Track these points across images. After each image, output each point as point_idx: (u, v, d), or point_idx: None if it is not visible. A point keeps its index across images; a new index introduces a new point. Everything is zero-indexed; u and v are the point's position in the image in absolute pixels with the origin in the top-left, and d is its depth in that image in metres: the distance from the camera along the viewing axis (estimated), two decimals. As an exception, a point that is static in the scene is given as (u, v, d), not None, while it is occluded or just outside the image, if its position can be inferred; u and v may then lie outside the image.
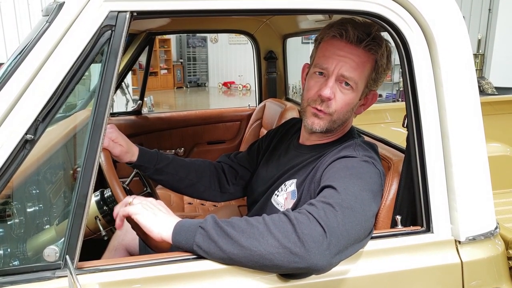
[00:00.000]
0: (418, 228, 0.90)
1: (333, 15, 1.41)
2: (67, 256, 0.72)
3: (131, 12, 0.76)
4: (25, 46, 0.77)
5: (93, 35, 0.74)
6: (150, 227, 0.83)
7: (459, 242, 0.89)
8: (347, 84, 0.97)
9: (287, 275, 0.79)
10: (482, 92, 6.10)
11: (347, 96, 0.98)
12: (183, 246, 0.79)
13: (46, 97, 0.73)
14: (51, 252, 0.75)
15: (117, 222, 0.91)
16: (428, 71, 0.86)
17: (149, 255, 0.82)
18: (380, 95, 10.40)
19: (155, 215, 0.85)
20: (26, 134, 0.73)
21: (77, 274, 0.74)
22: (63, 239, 0.76)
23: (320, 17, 1.49)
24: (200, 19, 1.98)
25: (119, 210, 0.89)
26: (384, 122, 3.06)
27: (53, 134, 1.38)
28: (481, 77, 7.69)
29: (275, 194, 1.06)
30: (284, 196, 1.03)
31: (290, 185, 1.03)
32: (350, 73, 0.96)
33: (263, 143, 1.26)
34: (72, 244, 0.74)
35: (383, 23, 0.86)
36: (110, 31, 0.75)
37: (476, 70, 8.54)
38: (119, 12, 0.75)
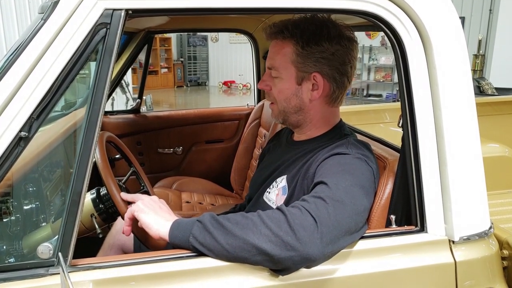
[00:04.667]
0: (412, 227, 0.90)
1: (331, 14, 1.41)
2: (60, 254, 0.72)
3: (126, 10, 0.76)
4: (20, 44, 0.77)
5: (87, 33, 0.74)
6: (149, 224, 0.84)
7: (453, 242, 0.89)
8: (274, 73, 1.03)
9: (281, 271, 0.79)
10: (482, 92, 6.08)
11: (279, 84, 1.02)
12: (180, 239, 0.80)
13: (41, 95, 0.73)
14: (45, 249, 0.75)
15: (124, 227, 0.93)
16: (423, 71, 0.86)
17: (143, 253, 0.82)
18: (380, 95, 10.45)
19: (156, 213, 0.86)
20: (20, 131, 0.73)
21: (71, 272, 0.75)
22: (57, 236, 0.76)
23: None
24: (198, 17, 1.98)
25: (125, 215, 0.93)
26: (383, 122, 3.06)
27: (51, 132, 1.38)
28: (481, 77, 7.68)
29: (267, 191, 1.07)
30: (275, 193, 1.04)
31: (281, 181, 1.04)
32: (271, 62, 1.03)
33: (263, 152, 1.30)
34: (66, 241, 0.75)
35: (378, 23, 0.86)
36: (105, 29, 0.75)
37: (477, 70, 8.54)
38: (114, 10, 0.75)
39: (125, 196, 0.97)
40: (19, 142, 0.73)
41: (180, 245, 0.81)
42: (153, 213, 0.86)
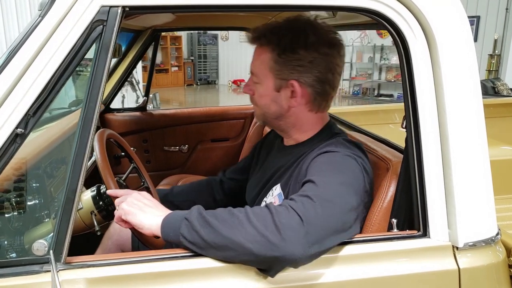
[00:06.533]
0: (414, 232, 0.88)
1: (337, 13, 1.38)
2: (51, 251, 0.72)
3: (123, 7, 0.75)
4: (19, 41, 0.77)
5: (84, 30, 0.74)
6: (139, 224, 0.84)
7: (457, 248, 0.86)
8: (254, 79, 1.02)
9: (267, 271, 0.78)
10: (497, 93, 5.93)
11: (259, 89, 1.02)
12: (172, 239, 0.80)
13: (37, 92, 0.73)
14: (40, 246, 0.75)
15: (122, 226, 0.93)
16: (428, 71, 0.83)
17: (138, 252, 0.82)
18: (392, 95, 10.31)
19: (143, 211, 0.86)
20: (16, 128, 0.73)
21: (65, 269, 0.75)
22: (52, 233, 0.76)
23: (324, 14, 1.47)
24: (204, 15, 1.97)
25: (115, 220, 0.93)
26: (393, 123, 3.01)
27: (56, 129, 1.39)
28: (496, 78, 7.50)
29: (264, 201, 1.07)
30: (272, 202, 1.02)
31: (276, 189, 1.04)
32: (251, 67, 1.02)
33: (252, 156, 1.31)
34: (60, 239, 0.75)
35: (382, 21, 0.84)
36: (101, 26, 0.75)
37: (492, 71, 8.35)
38: (110, 7, 0.75)
39: (113, 192, 0.96)
40: (16, 138, 0.74)
41: (174, 243, 0.80)
42: (140, 212, 0.85)
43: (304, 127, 1.04)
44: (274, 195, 1.03)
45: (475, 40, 8.70)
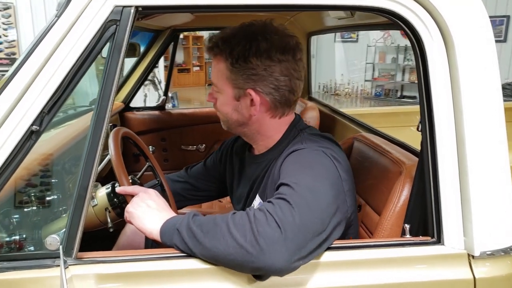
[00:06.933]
0: (427, 238, 0.85)
1: (355, 12, 1.36)
2: (60, 246, 0.74)
3: (136, 7, 0.76)
4: (36, 40, 0.79)
5: (97, 29, 0.75)
6: (141, 229, 0.86)
7: (473, 256, 0.83)
8: (215, 88, 1.02)
9: (257, 277, 0.77)
10: (524, 97, 5.67)
11: (220, 98, 1.02)
12: (169, 246, 0.81)
13: (52, 90, 0.75)
14: (53, 241, 0.77)
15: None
16: (445, 73, 0.80)
17: (148, 250, 0.83)
18: (415, 97, 10.05)
19: (145, 215, 0.87)
20: (32, 125, 0.75)
21: (75, 264, 0.76)
22: (64, 229, 0.78)
23: (342, 14, 1.45)
24: (223, 15, 1.98)
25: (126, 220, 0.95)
26: (414, 125, 2.93)
27: (75, 127, 1.43)
28: (525, 80, 7.17)
29: None
30: None
31: (256, 200, 1.04)
32: (211, 77, 1.04)
33: (222, 159, 1.28)
34: (72, 234, 0.76)
35: (397, 21, 0.82)
36: (114, 25, 0.76)
37: (519, 73, 7.99)
38: (124, 7, 0.76)
39: (122, 189, 0.98)
40: (31, 135, 0.76)
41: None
42: (143, 215, 0.87)
43: (269, 132, 1.03)
44: (255, 206, 1.02)
45: (505, 40, 8.36)
